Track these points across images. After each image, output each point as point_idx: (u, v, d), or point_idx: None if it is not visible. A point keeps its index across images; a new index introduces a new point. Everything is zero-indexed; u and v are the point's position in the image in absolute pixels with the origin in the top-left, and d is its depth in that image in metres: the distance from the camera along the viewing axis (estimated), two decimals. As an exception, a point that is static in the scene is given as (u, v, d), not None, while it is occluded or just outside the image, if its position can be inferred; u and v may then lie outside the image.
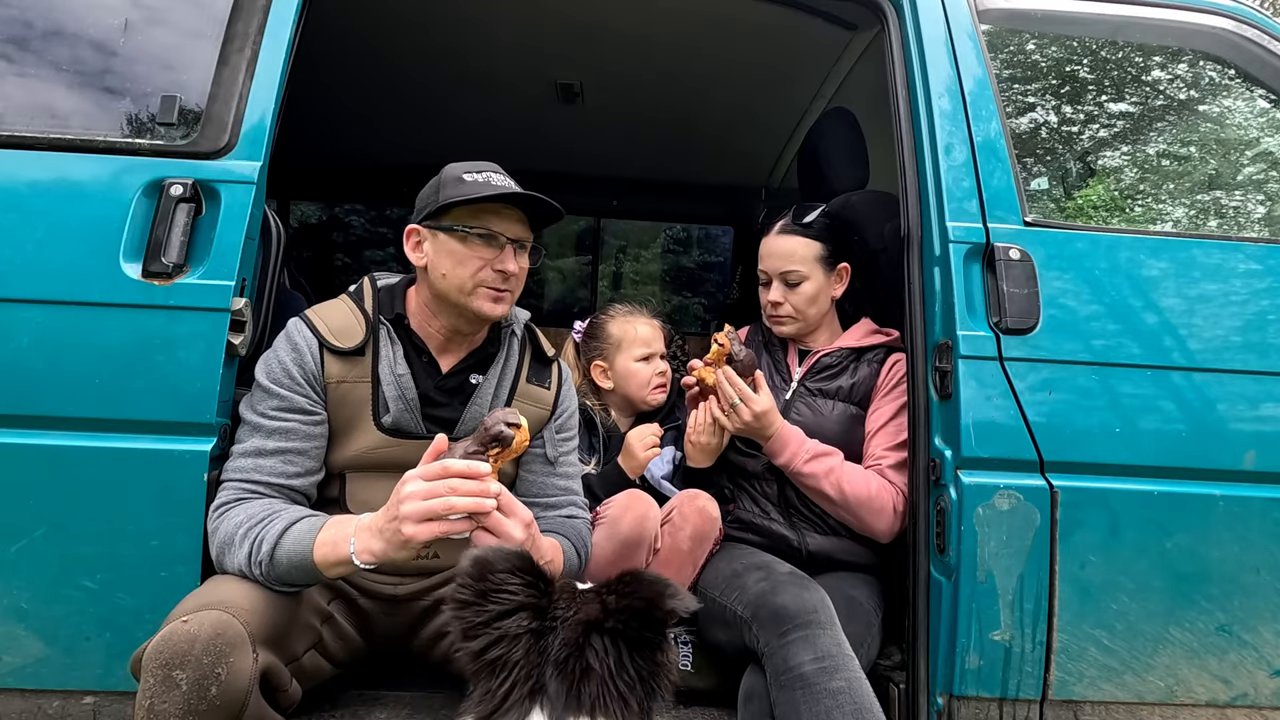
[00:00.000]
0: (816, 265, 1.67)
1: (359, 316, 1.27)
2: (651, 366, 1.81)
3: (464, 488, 0.99)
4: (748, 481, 1.66)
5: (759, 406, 1.50)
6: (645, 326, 1.84)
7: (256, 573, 1.06)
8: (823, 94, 2.39)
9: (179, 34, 1.41)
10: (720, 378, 1.54)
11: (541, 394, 1.37)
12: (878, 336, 1.71)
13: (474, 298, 1.23)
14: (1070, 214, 1.73)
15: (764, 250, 1.72)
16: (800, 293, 1.67)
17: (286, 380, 1.20)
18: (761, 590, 1.33)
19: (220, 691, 0.91)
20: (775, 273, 1.68)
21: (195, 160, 1.31)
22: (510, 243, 1.25)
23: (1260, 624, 1.35)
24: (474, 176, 1.24)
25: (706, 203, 3.40)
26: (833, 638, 1.22)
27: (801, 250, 1.67)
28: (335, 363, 1.23)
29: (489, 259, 1.23)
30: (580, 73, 2.40)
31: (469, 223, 1.23)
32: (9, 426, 1.21)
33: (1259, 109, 1.80)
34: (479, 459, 1.05)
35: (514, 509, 1.06)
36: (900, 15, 1.59)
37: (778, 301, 1.68)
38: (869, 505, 1.49)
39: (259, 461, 1.17)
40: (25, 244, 1.23)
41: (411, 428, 1.25)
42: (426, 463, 1.02)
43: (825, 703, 1.14)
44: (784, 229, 1.70)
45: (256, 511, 1.10)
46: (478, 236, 1.23)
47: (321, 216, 3.82)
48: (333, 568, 1.04)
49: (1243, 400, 1.38)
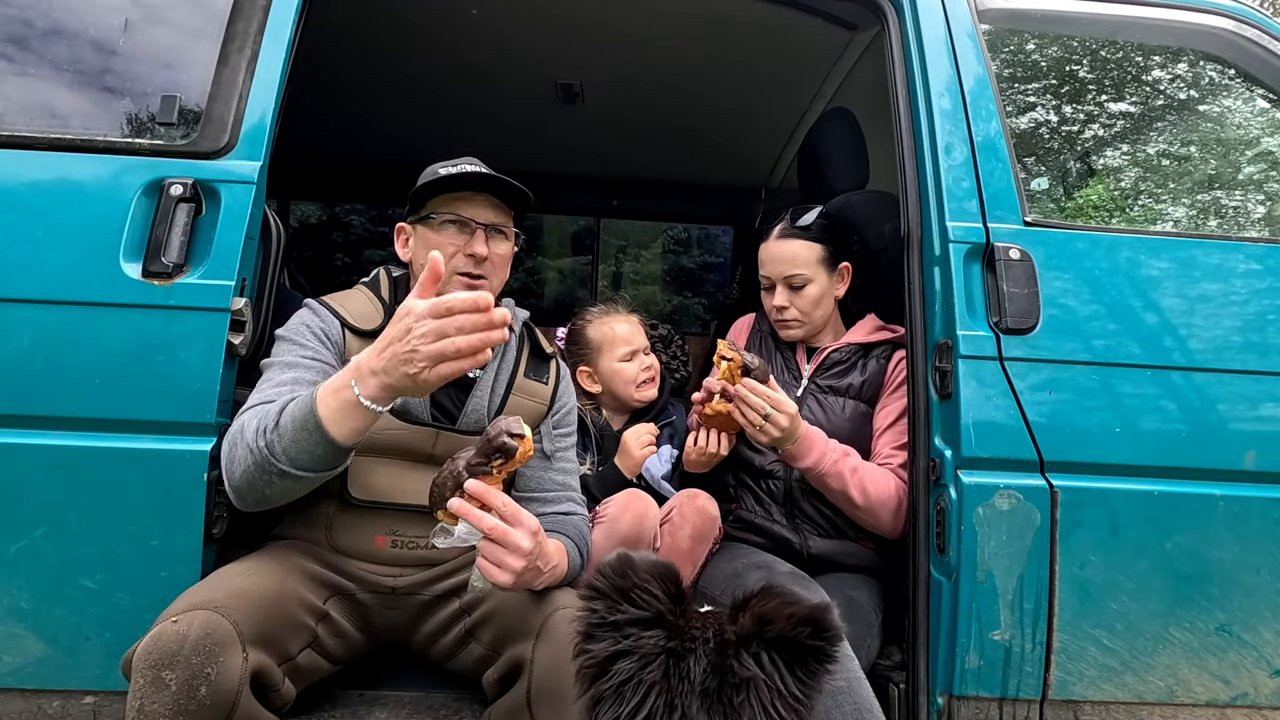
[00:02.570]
0: (819, 267, 1.67)
1: (377, 303, 1.31)
2: (636, 363, 1.80)
3: (470, 323, 0.95)
4: (753, 480, 1.65)
5: (792, 408, 1.44)
6: (622, 325, 1.83)
7: (262, 444, 1.03)
8: (823, 94, 2.39)
9: (179, 34, 1.41)
10: (743, 393, 1.44)
11: (539, 389, 1.37)
12: (884, 333, 1.71)
13: (450, 286, 1.25)
14: (1070, 214, 1.73)
15: (765, 255, 1.71)
16: (805, 295, 1.66)
17: (312, 338, 1.22)
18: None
19: (210, 691, 0.91)
20: (779, 277, 1.67)
21: (195, 160, 1.31)
22: (482, 227, 1.28)
23: (1260, 624, 1.35)
24: (448, 169, 1.29)
25: (706, 203, 3.40)
26: None
27: (804, 253, 1.66)
28: (356, 341, 1.25)
29: (460, 245, 1.27)
30: (580, 73, 2.40)
31: (440, 209, 1.28)
32: (9, 426, 1.21)
33: (1259, 109, 1.80)
34: (482, 471, 1.04)
35: (520, 519, 1.04)
36: (900, 15, 1.59)
37: (783, 305, 1.67)
38: (888, 505, 1.48)
39: (279, 389, 1.14)
40: (25, 244, 1.23)
41: (418, 412, 1.26)
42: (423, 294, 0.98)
43: (825, 702, 1.14)
44: (784, 233, 1.70)
45: (269, 399, 1.10)
46: (448, 222, 1.27)
47: (321, 216, 3.82)
48: (340, 420, 1.00)
49: (1243, 400, 1.38)
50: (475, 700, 1.28)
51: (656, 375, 1.84)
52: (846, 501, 1.50)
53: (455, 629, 1.25)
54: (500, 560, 1.02)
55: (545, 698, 1.06)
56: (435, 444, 1.26)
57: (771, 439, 1.45)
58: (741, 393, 1.44)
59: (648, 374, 1.80)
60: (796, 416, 1.46)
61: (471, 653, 1.22)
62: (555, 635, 1.09)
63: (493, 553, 1.02)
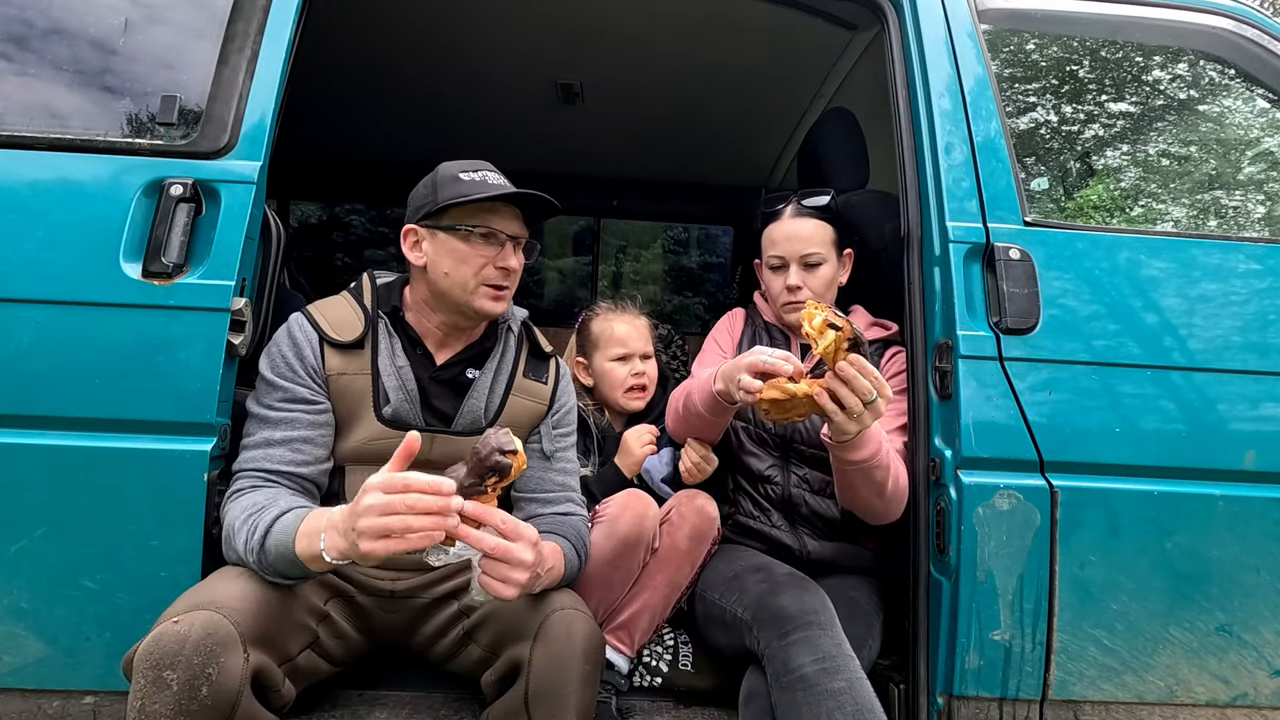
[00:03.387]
0: (832, 249, 1.64)
1: (358, 311, 1.29)
2: (628, 367, 1.75)
3: (422, 505, 0.92)
4: (750, 484, 1.63)
5: (889, 392, 1.25)
6: (623, 325, 1.78)
7: (251, 560, 1.06)
8: (823, 94, 2.39)
9: (179, 33, 1.41)
10: (850, 373, 1.19)
11: (538, 389, 1.37)
12: (877, 329, 1.68)
13: (476, 296, 1.26)
14: (1070, 214, 1.73)
15: (779, 234, 1.64)
16: (819, 276, 1.61)
17: (288, 372, 1.21)
18: (761, 592, 1.33)
19: (211, 692, 0.91)
20: (795, 256, 1.61)
21: (195, 160, 1.31)
22: (509, 239, 1.27)
23: (1260, 624, 1.35)
24: (470, 175, 1.26)
25: (706, 203, 3.40)
26: (833, 638, 1.22)
27: (820, 233, 1.62)
28: (335, 356, 1.24)
29: (491, 257, 1.26)
30: (580, 73, 2.40)
31: (469, 222, 1.25)
32: (9, 426, 1.21)
33: (1259, 109, 1.80)
34: (477, 491, 1.02)
35: (519, 533, 1.02)
36: (900, 15, 1.59)
37: (797, 285, 1.60)
38: (904, 494, 1.42)
39: (269, 451, 1.18)
40: (25, 244, 1.23)
41: (411, 419, 1.25)
42: (393, 467, 0.97)
43: (827, 703, 1.14)
44: (800, 211, 1.64)
45: (258, 500, 1.11)
46: (480, 236, 1.25)
47: (321, 216, 3.82)
48: (313, 562, 1.02)
49: (1243, 400, 1.38)
50: (474, 700, 1.28)
51: (649, 385, 1.77)
52: (876, 494, 1.37)
53: (454, 631, 1.25)
54: (504, 576, 1.01)
55: (543, 698, 1.07)
56: (431, 449, 1.26)
57: (857, 429, 1.24)
58: (849, 373, 1.19)
59: (637, 380, 1.75)
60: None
61: (470, 654, 1.22)
62: (553, 636, 1.09)
63: (496, 569, 1.01)
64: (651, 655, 1.52)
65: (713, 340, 1.74)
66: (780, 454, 1.61)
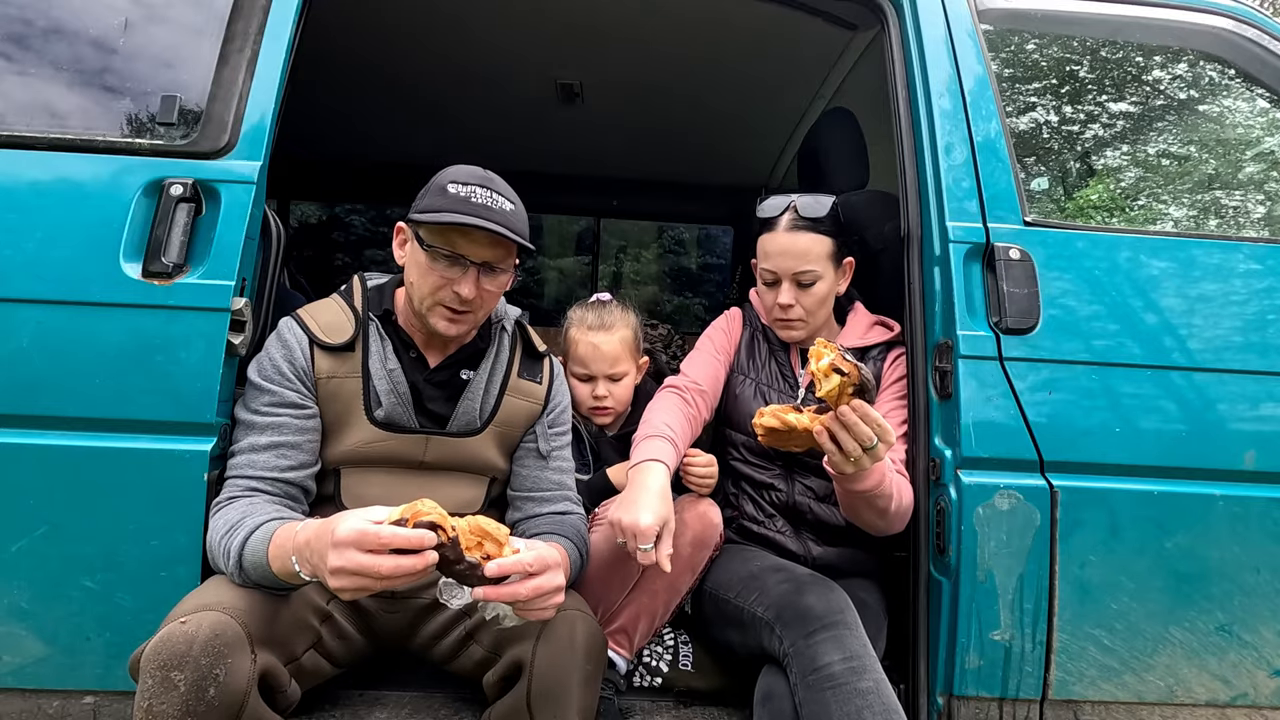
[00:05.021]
0: (829, 263, 1.53)
1: (348, 313, 1.27)
2: (589, 388, 1.69)
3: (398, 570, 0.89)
4: (754, 490, 1.60)
5: (893, 437, 1.22)
6: (586, 344, 1.68)
7: (237, 582, 1.05)
8: (823, 94, 2.40)
9: (179, 33, 1.41)
10: (852, 420, 1.17)
11: (533, 389, 1.37)
12: (879, 330, 1.62)
13: (431, 314, 1.22)
14: (1070, 214, 1.73)
15: (772, 248, 1.53)
16: (813, 294, 1.52)
17: (277, 376, 1.20)
18: (785, 591, 1.31)
19: (218, 692, 0.91)
20: (788, 273, 1.51)
21: (195, 160, 1.31)
22: (476, 266, 1.20)
23: (1260, 624, 1.35)
24: (458, 189, 1.18)
25: (706, 203, 3.41)
26: (859, 639, 1.21)
27: (816, 248, 1.50)
28: (325, 359, 1.23)
29: (449, 279, 1.19)
30: (580, 73, 2.40)
31: (435, 240, 1.19)
32: (9, 426, 1.21)
33: (1259, 109, 1.80)
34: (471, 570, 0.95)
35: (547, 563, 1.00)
36: (900, 15, 1.59)
37: (789, 304, 1.52)
38: (908, 511, 1.40)
39: (253, 457, 1.17)
40: (25, 244, 1.23)
41: (404, 421, 1.25)
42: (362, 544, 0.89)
43: (856, 702, 1.13)
44: (795, 225, 1.52)
45: (229, 518, 1.09)
46: (442, 256, 1.19)
47: (321, 216, 3.82)
48: (293, 579, 1.00)
49: (1243, 400, 1.38)
50: (475, 700, 1.28)
51: (615, 407, 1.70)
52: (879, 515, 1.36)
53: (455, 631, 1.25)
54: (544, 605, 1.00)
55: (545, 699, 1.07)
56: (426, 450, 1.26)
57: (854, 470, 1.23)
58: (850, 419, 1.18)
59: (598, 403, 1.69)
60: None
61: (472, 654, 1.22)
62: (555, 637, 1.09)
63: (536, 602, 0.99)
64: (651, 655, 1.51)
65: (708, 340, 1.68)
66: (784, 464, 1.57)
